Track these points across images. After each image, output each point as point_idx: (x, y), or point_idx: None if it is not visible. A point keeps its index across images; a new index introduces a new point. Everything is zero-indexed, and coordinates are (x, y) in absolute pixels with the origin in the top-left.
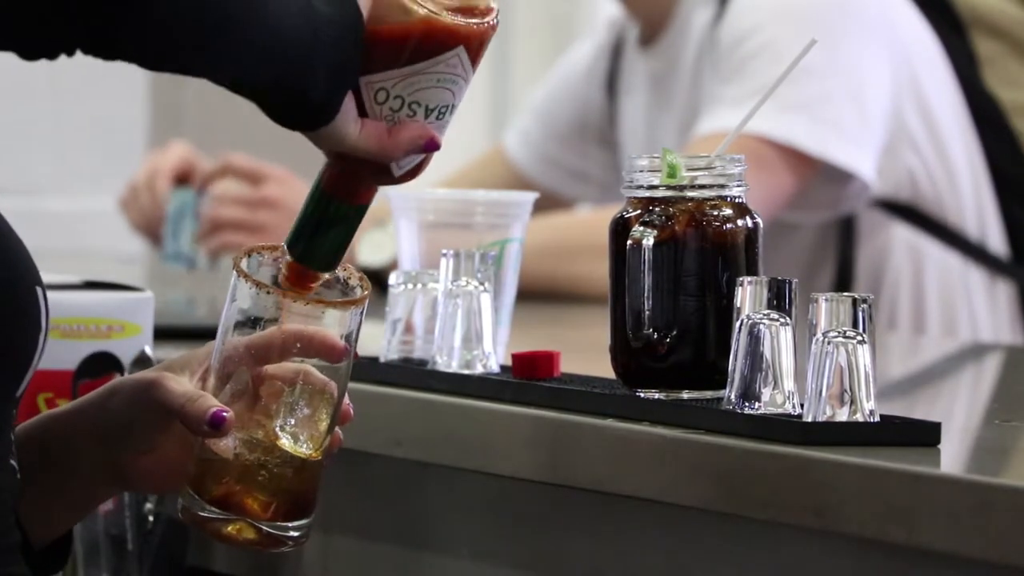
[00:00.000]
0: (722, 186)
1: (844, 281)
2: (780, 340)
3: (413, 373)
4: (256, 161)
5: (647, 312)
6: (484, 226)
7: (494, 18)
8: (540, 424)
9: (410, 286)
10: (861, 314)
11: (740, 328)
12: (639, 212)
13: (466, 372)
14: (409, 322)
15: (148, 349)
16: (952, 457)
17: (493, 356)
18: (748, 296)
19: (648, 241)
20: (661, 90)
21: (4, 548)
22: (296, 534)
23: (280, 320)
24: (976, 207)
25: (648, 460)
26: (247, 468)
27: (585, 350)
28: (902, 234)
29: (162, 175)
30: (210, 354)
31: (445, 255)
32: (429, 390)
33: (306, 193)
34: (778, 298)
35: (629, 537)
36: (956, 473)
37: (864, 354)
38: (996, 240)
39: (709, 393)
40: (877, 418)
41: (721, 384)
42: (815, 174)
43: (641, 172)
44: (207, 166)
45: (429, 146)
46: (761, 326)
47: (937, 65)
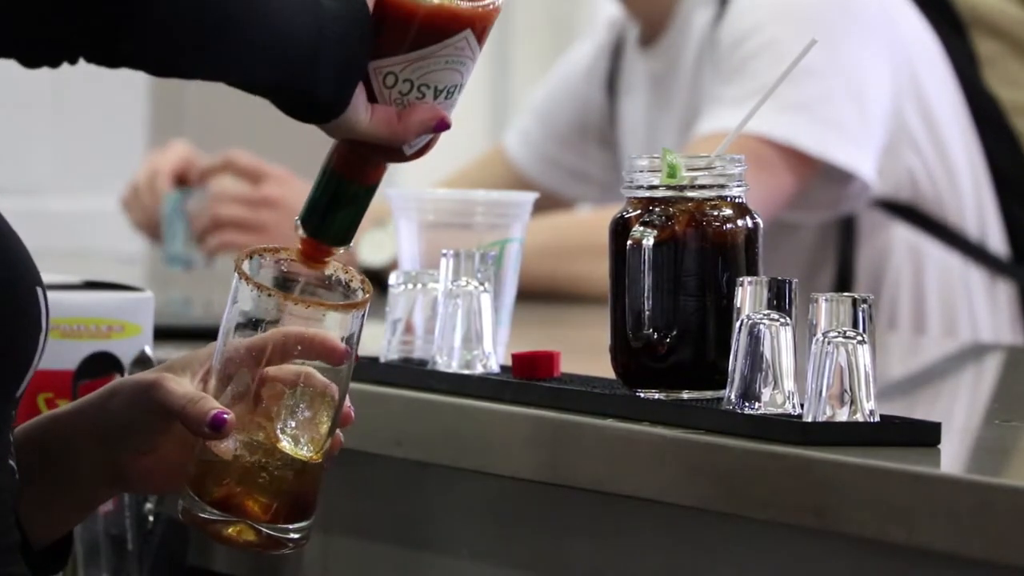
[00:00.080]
0: (722, 186)
1: (844, 281)
2: (780, 340)
3: (413, 373)
4: (257, 160)
5: (647, 312)
6: (484, 226)
7: None
8: (540, 424)
9: (410, 286)
10: (861, 314)
11: (740, 328)
12: (639, 212)
13: (466, 372)
14: (409, 322)
15: (148, 349)
16: (952, 457)
17: (493, 356)
18: (748, 296)
19: (648, 241)
20: (661, 90)
21: (3, 548)
22: (296, 536)
23: (281, 322)
24: (976, 207)
25: (648, 460)
26: (248, 470)
27: (585, 350)
28: (902, 234)
29: (163, 174)
30: (211, 355)
31: (445, 255)
32: (429, 390)
33: (306, 192)
34: (778, 298)
35: (629, 537)
36: (956, 473)
37: (864, 354)
38: (996, 240)
39: (709, 393)
40: (877, 418)
41: (721, 384)
42: (815, 174)
43: (641, 172)
44: (207, 163)
45: (439, 126)
46: (761, 326)
47: (937, 65)
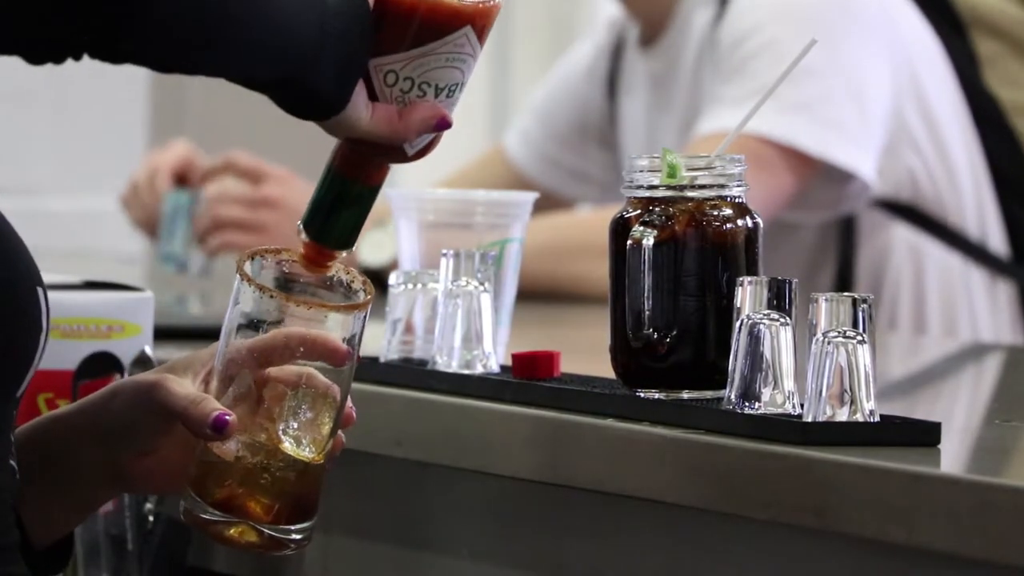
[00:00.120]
0: (722, 186)
1: (844, 281)
2: (780, 340)
3: (413, 373)
4: (257, 160)
5: (647, 312)
6: (484, 226)
7: None
8: (540, 424)
9: (410, 286)
10: (861, 314)
11: (740, 328)
12: (639, 212)
13: (466, 372)
14: (409, 322)
15: (148, 349)
16: (952, 457)
17: (493, 356)
18: (748, 296)
19: (648, 241)
20: (661, 90)
21: (3, 547)
22: (298, 537)
23: (283, 323)
24: (977, 207)
25: (648, 460)
26: (249, 471)
27: (585, 350)
28: (902, 234)
29: (162, 172)
30: (212, 356)
31: (445, 255)
32: (429, 390)
33: (307, 193)
34: (778, 298)
35: (629, 537)
36: (956, 473)
37: (864, 354)
38: (997, 240)
39: (709, 393)
40: (877, 418)
41: (721, 384)
42: (815, 174)
43: (641, 172)
44: (208, 164)
45: (441, 125)
46: (761, 326)
47: (937, 65)
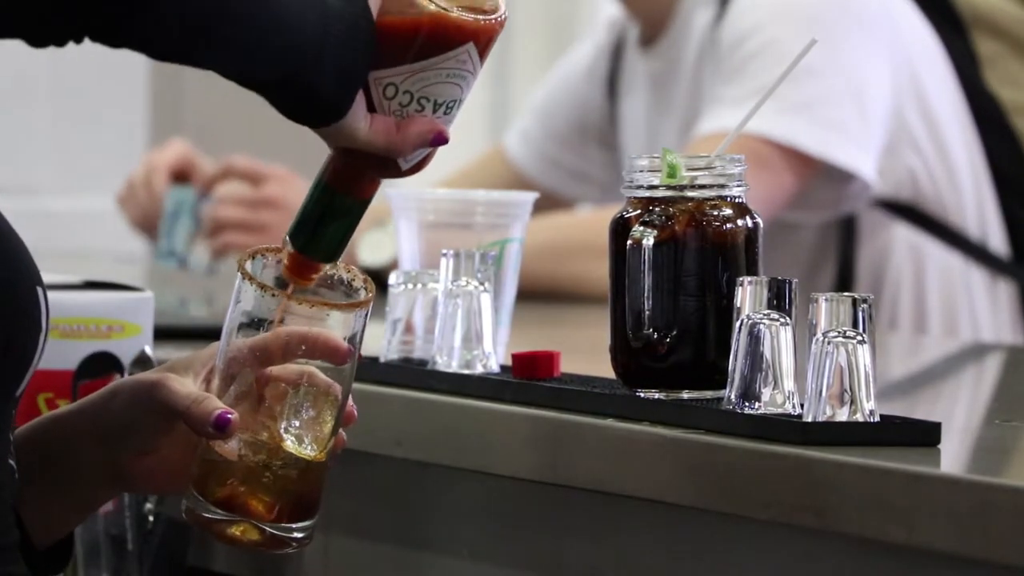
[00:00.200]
0: (722, 186)
1: (845, 281)
2: (780, 340)
3: (413, 373)
4: (257, 161)
5: (647, 312)
6: (484, 226)
7: (502, 14)
8: (540, 424)
9: (410, 286)
10: (861, 314)
11: (740, 328)
12: (639, 212)
13: (466, 372)
14: (409, 322)
15: (148, 349)
16: (952, 457)
17: (493, 356)
18: (748, 296)
19: (648, 241)
20: (661, 90)
21: (3, 547)
22: (300, 535)
23: (284, 322)
24: (977, 207)
25: (648, 460)
26: (251, 469)
27: (585, 350)
28: (903, 234)
29: (159, 171)
30: (213, 355)
31: (445, 255)
32: (429, 390)
33: (307, 192)
34: (778, 298)
35: (629, 537)
36: (956, 473)
37: (864, 354)
38: (997, 240)
39: (709, 393)
40: (877, 418)
41: (721, 384)
42: (816, 174)
43: (641, 172)
44: (207, 165)
45: (437, 140)
46: (761, 326)
47: (938, 65)
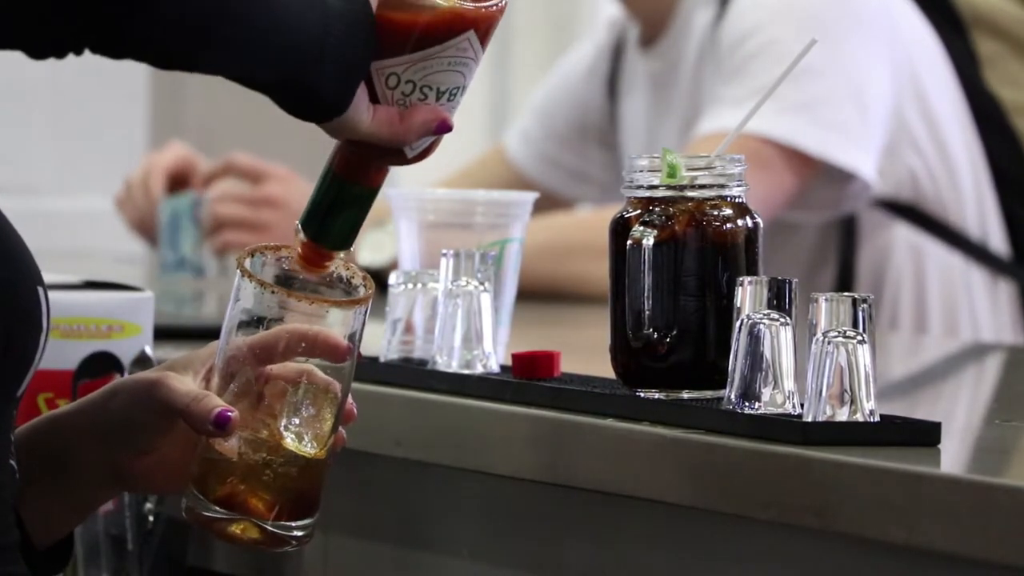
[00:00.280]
0: (722, 186)
1: (845, 281)
2: (780, 340)
3: (413, 373)
4: (258, 160)
5: (647, 312)
6: (484, 226)
7: (502, 1)
8: (540, 424)
9: (410, 286)
10: (861, 314)
11: (740, 328)
12: (639, 212)
13: (466, 372)
14: (409, 322)
15: (148, 349)
16: (952, 457)
17: (493, 356)
18: (748, 296)
19: (648, 241)
20: (662, 91)
21: (3, 547)
22: (300, 533)
23: (283, 319)
24: (977, 207)
25: (648, 460)
26: (251, 468)
27: (585, 350)
28: (903, 234)
29: (157, 174)
30: (213, 354)
31: (445, 255)
32: (429, 390)
33: (307, 192)
34: (778, 298)
35: (629, 537)
36: (956, 473)
37: (864, 354)
38: (997, 240)
39: (709, 393)
40: (877, 418)
41: (721, 384)
42: (816, 174)
43: (641, 172)
44: (207, 166)
45: (441, 128)
46: (761, 326)
47: (938, 65)
